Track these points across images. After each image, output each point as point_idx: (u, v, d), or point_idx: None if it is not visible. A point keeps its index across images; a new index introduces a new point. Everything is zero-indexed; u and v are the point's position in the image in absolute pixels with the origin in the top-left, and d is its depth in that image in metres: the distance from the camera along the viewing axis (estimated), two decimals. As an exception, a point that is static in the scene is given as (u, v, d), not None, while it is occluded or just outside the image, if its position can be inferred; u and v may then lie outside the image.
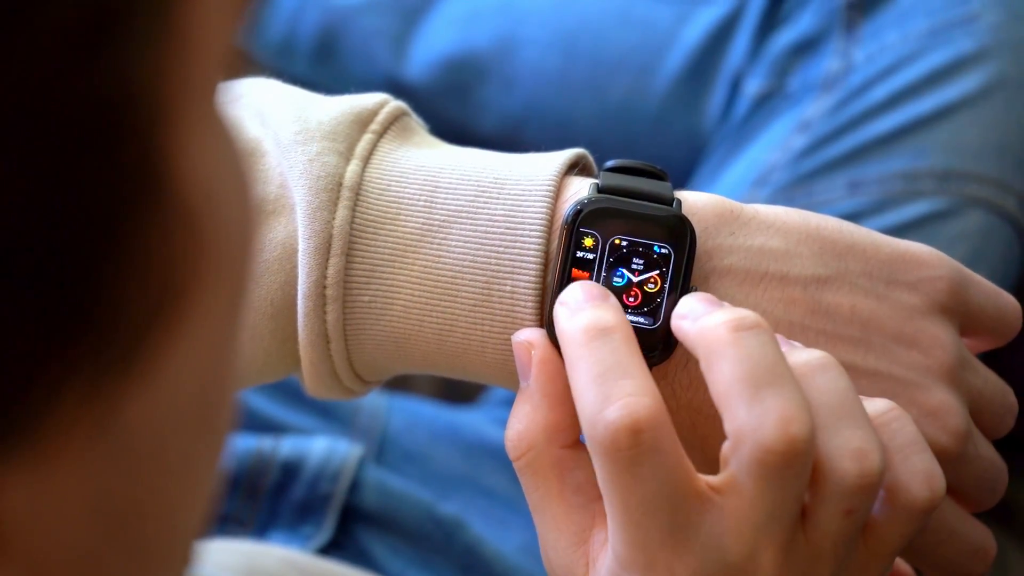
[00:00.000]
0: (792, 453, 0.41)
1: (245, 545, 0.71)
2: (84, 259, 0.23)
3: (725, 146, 0.88)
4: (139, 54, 0.24)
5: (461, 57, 0.95)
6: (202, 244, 0.26)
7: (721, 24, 0.90)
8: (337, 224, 0.49)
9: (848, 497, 0.43)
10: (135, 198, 0.24)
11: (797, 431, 0.41)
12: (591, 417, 0.42)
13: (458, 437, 0.85)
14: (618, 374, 0.42)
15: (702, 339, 0.43)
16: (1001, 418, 0.52)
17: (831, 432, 0.43)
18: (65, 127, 0.23)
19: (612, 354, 0.43)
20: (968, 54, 0.82)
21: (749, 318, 0.43)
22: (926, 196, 0.79)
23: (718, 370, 0.42)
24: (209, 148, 0.26)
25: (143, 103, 0.24)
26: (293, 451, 0.79)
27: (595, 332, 0.44)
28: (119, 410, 0.25)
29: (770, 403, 0.41)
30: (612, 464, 0.42)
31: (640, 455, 0.41)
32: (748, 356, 0.42)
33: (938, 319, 0.50)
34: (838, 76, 0.84)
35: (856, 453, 0.42)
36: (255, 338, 0.50)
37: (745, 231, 0.50)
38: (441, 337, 0.50)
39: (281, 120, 0.51)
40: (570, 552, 0.46)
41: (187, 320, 0.26)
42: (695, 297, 0.45)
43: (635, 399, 0.42)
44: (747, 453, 0.41)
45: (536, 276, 0.49)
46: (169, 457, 0.28)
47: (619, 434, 0.41)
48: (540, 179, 0.50)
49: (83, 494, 0.26)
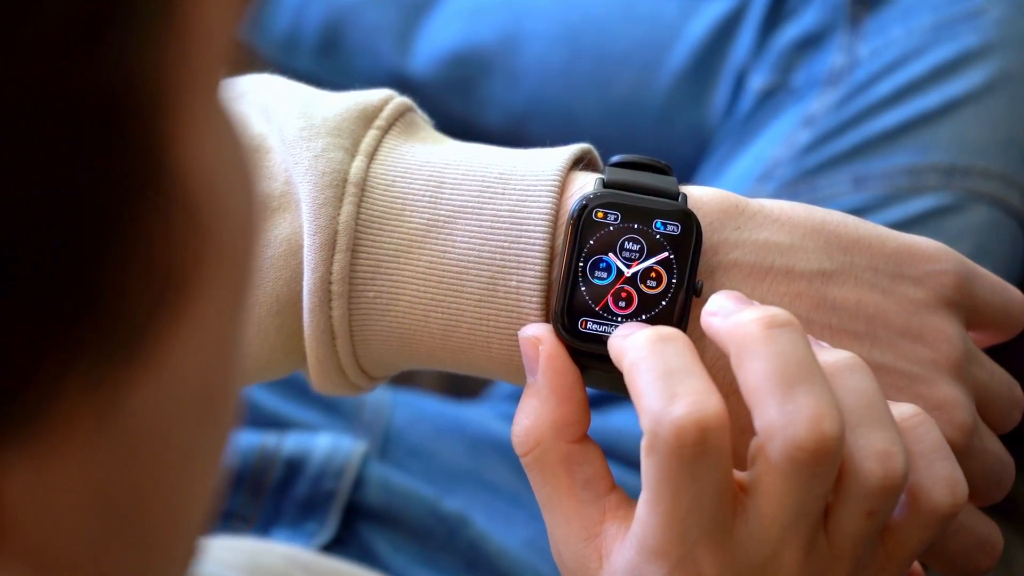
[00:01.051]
0: (823, 451, 0.41)
1: (248, 542, 0.71)
2: (86, 248, 0.24)
3: (729, 141, 0.88)
4: (141, 44, 0.24)
5: (465, 52, 0.95)
6: (204, 234, 0.26)
7: (725, 19, 0.90)
8: (342, 220, 0.49)
9: (871, 498, 0.43)
10: (137, 187, 0.24)
11: (828, 428, 0.41)
12: (656, 412, 0.42)
13: (462, 432, 0.85)
14: (684, 374, 0.42)
15: (733, 336, 0.43)
16: (1008, 412, 0.52)
17: (857, 432, 0.43)
18: (67, 116, 0.23)
19: (677, 356, 0.43)
20: (973, 49, 0.81)
21: (781, 316, 0.43)
22: (931, 191, 0.79)
23: (749, 367, 0.42)
24: (211, 139, 0.26)
25: (145, 93, 0.24)
26: (297, 448, 0.79)
27: (659, 337, 0.44)
28: (121, 401, 0.25)
29: (802, 400, 0.41)
30: (672, 460, 0.41)
31: (702, 454, 0.41)
32: (780, 353, 0.42)
33: (944, 313, 0.50)
34: (843, 71, 0.84)
35: (881, 454, 0.42)
36: (260, 334, 0.50)
37: (750, 225, 0.50)
38: (446, 332, 0.50)
39: (286, 116, 0.51)
40: (582, 545, 0.46)
41: (190, 311, 0.26)
42: (726, 295, 0.45)
43: (703, 397, 0.42)
44: (778, 450, 0.41)
45: (541, 271, 0.49)
46: (171, 449, 0.28)
47: (686, 431, 0.41)
48: (545, 174, 0.50)
49: (85, 485, 0.26)
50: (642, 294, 0.48)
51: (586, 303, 0.48)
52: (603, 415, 0.82)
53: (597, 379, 0.49)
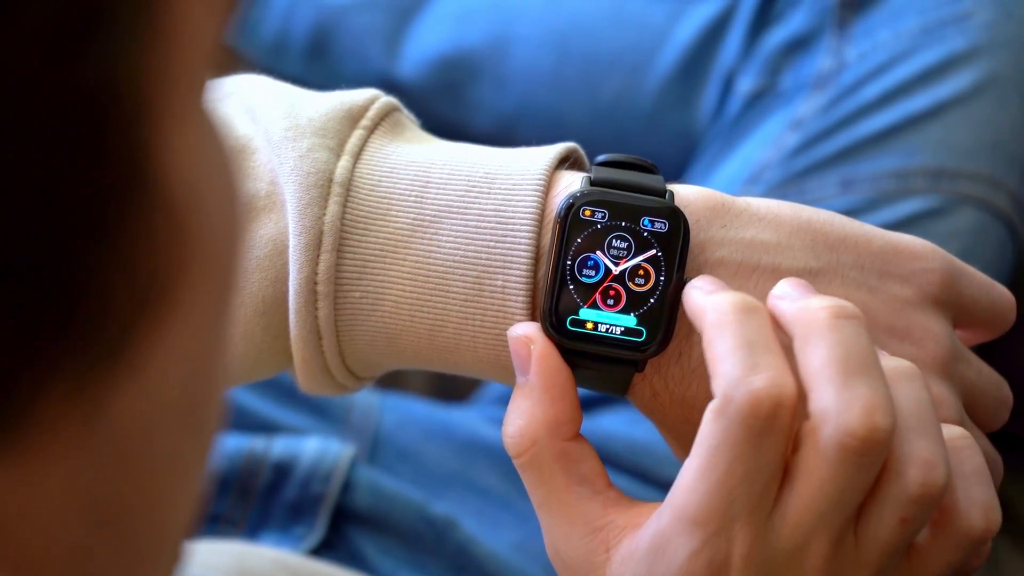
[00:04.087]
0: (872, 440, 0.42)
1: (236, 546, 0.70)
2: (70, 254, 0.23)
3: (717, 144, 0.88)
4: (124, 48, 0.24)
5: (454, 56, 0.95)
6: (188, 239, 0.26)
7: (714, 22, 0.90)
8: (328, 220, 0.49)
9: (907, 504, 0.43)
10: (120, 194, 0.24)
11: (881, 421, 0.42)
12: (733, 380, 0.42)
13: (451, 435, 0.85)
14: (766, 349, 0.43)
15: (800, 319, 0.44)
16: (995, 411, 0.52)
17: (905, 437, 0.43)
18: (49, 120, 0.23)
19: (760, 330, 0.44)
20: (960, 52, 0.82)
21: (850, 308, 0.44)
22: (918, 194, 0.79)
23: (813, 351, 0.43)
24: (195, 143, 0.26)
25: (127, 97, 0.24)
26: (285, 451, 0.78)
27: (743, 306, 0.44)
28: (106, 405, 0.25)
29: (860, 390, 0.42)
30: (740, 428, 0.42)
31: (770, 428, 0.42)
32: (844, 342, 0.43)
33: (931, 311, 0.50)
34: (830, 74, 0.84)
35: (925, 462, 0.43)
36: (246, 334, 0.50)
37: (737, 223, 0.50)
38: (433, 332, 0.50)
39: (271, 116, 0.51)
40: (586, 540, 0.46)
41: (173, 315, 0.26)
42: (792, 282, 0.46)
43: (782, 374, 0.42)
44: (829, 435, 0.42)
45: (527, 270, 0.49)
46: (156, 452, 0.28)
47: (762, 403, 0.42)
48: (530, 173, 0.50)
49: (70, 490, 0.25)
50: (630, 292, 0.48)
51: (575, 301, 0.48)
52: (592, 418, 0.82)
53: (586, 378, 0.49)
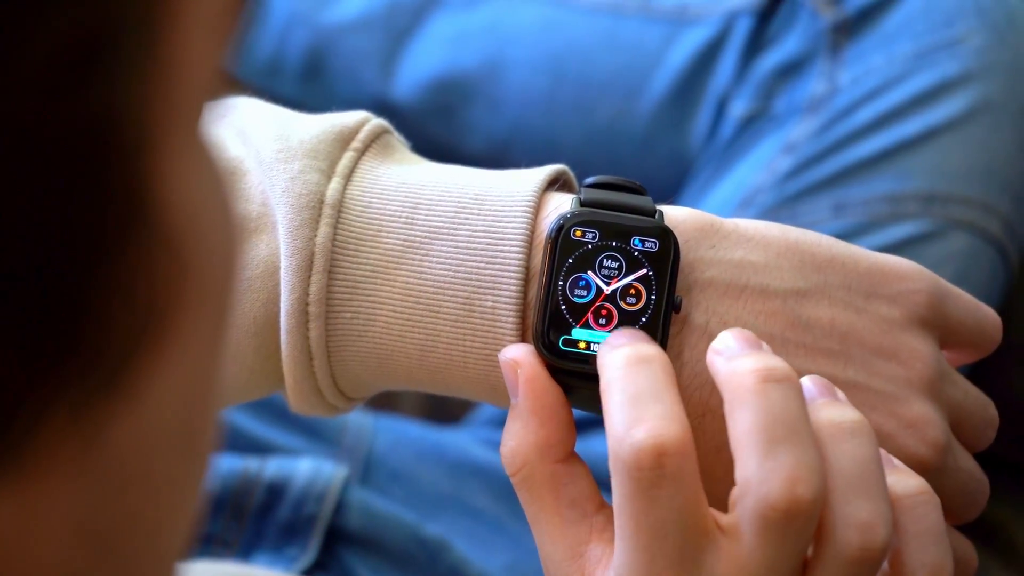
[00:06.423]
0: (793, 513, 0.41)
1: (229, 567, 0.70)
2: (70, 282, 0.24)
3: (710, 168, 0.88)
4: (125, 80, 0.24)
5: (448, 78, 0.96)
6: (185, 268, 0.26)
7: (707, 46, 0.90)
8: (319, 241, 0.49)
9: (846, 566, 0.42)
10: (119, 223, 0.24)
11: (803, 492, 0.41)
12: (618, 436, 0.42)
13: (444, 457, 0.85)
14: (650, 399, 0.42)
15: (729, 382, 0.43)
16: (982, 431, 0.52)
17: (844, 499, 0.42)
18: (51, 152, 0.23)
19: (648, 380, 0.43)
20: (953, 77, 0.82)
21: (779, 370, 0.42)
22: (911, 218, 0.79)
23: (738, 417, 0.42)
24: (193, 172, 0.26)
25: (129, 128, 0.24)
26: (278, 472, 0.78)
27: (634, 359, 0.43)
28: (104, 432, 0.25)
29: (782, 460, 0.41)
30: (631, 484, 0.41)
31: (660, 478, 0.41)
32: (769, 409, 0.42)
33: (917, 332, 0.50)
34: (823, 98, 0.84)
35: (863, 525, 0.42)
36: (238, 355, 0.50)
37: (725, 244, 0.50)
38: (423, 353, 0.50)
39: (263, 138, 0.51)
40: (565, 565, 0.46)
41: (171, 342, 0.26)
42: (734, 334, 0.45)
43: (664, 423, 0.41)
44: (750, 504, 0.41)
45: (517, 291, 0.49)
46: (154, 478, 0.28)
47: (643, 455, 0.41)
48: (520, 195, 0.50)
49: (69, 515, 0.25)
50: (622, 311, 0.48)
51: (567, 321, 0.48)
52: (586, 440, 0.82)
53: (581, 398, 0.49)
